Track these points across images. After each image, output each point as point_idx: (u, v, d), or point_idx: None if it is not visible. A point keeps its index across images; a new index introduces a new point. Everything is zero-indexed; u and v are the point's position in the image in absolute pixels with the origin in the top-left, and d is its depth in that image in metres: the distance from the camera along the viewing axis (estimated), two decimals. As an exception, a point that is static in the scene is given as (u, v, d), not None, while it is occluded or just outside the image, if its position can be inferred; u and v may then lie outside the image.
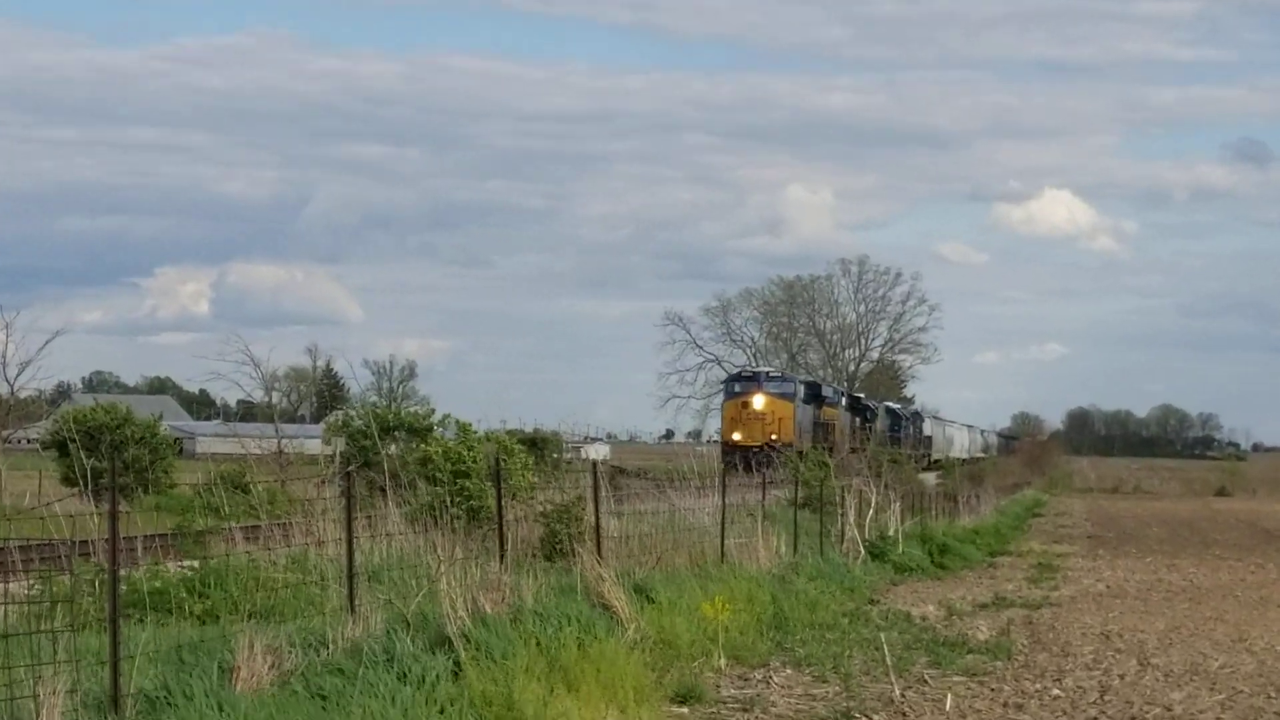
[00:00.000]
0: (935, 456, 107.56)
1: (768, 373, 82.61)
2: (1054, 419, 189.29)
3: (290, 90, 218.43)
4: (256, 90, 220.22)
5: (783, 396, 76.98)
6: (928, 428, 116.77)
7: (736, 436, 74.52)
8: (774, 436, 73.03)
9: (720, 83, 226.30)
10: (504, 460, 24.50)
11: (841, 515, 34.95)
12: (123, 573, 14.04)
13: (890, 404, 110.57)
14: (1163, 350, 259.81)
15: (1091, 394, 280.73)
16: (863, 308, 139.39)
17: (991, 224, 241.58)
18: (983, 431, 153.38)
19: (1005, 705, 18.06)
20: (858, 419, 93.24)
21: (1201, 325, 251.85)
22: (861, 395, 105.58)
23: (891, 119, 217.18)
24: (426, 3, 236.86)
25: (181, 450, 69.56)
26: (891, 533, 36.52)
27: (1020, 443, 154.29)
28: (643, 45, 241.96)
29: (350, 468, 17.18)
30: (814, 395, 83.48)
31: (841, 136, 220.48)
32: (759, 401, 75.88)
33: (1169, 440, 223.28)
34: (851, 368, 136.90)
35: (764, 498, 30.92)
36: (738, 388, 79.25)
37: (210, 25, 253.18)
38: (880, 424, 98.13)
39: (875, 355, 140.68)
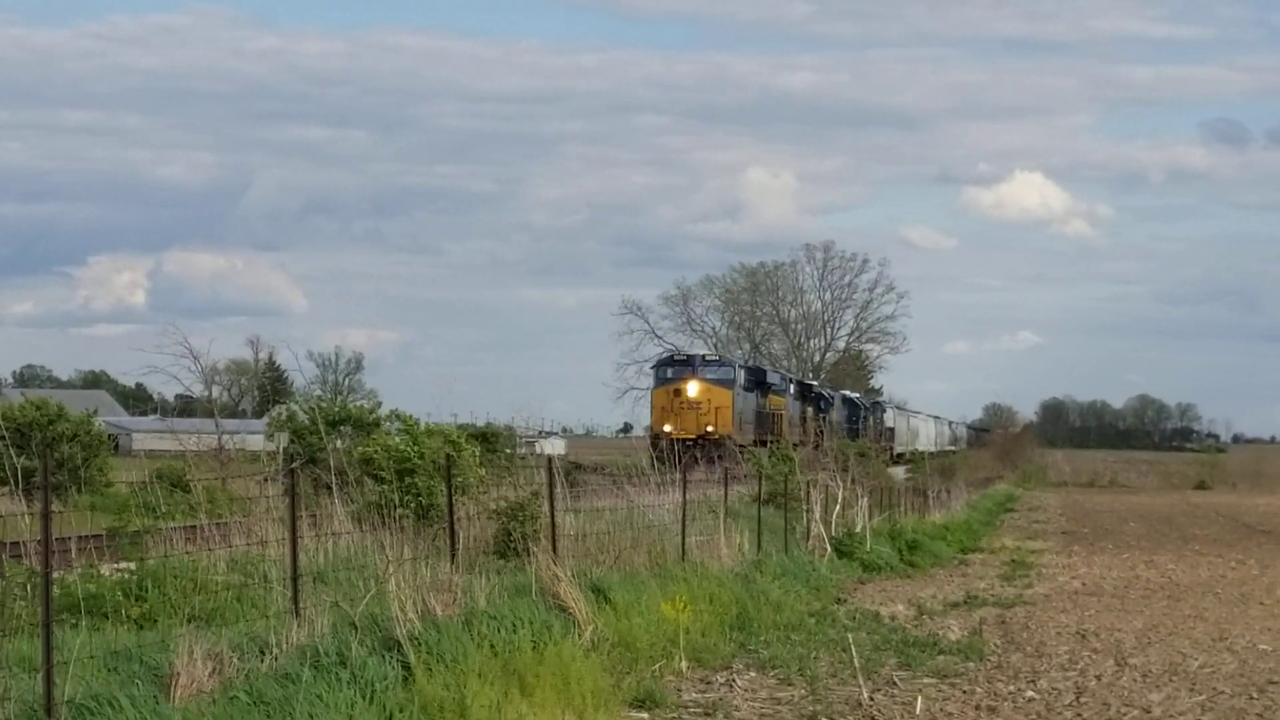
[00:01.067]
0: (899, 450, 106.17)
1: (703, 356, 76.73)
2: (1027, 410, 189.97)
3: (229, 70, 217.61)
4: (193, 70, 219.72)
5: (720, 383, 71.70)
6: (890, 419, 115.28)
7: (667, 428, 68.80)
8: (710, 428, 68.56)
9: (677, 61, 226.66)
10: (453, 456, 24.42)
11: (807, 511, 35.01)
12: (56, 575, 13.98)
13: (848, 393, 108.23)
14: (1139, 339, 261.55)
15: (1066, 384, 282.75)
16: (828, 295, 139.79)
17: (961, 208, 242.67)
18: (951, 423, 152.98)
19: (978, 708, 18.12)
20: (809, 409, 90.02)
21: (1180, 313, 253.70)
22: (815, 383, 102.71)
23: (856, 99, 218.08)
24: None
25: (118, 447, 69.22)
26: (859, 529, 36.61)
27: (992, 435, 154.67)
28: (598, 22, 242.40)
29: (294, 464, 17.09)
30: (757, 382, 79.17)
31: (804, 117, 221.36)
32: (693, 389, 70.62)
33: (1146, 432, 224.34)
34: (817, 357, 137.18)
35: (726, 494, 30.90)
36: (669, 373, 73.31)
37: (145, 2, 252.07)
38: (836, 414, 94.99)
39: (841, 345, 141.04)
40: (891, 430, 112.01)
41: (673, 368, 73.79)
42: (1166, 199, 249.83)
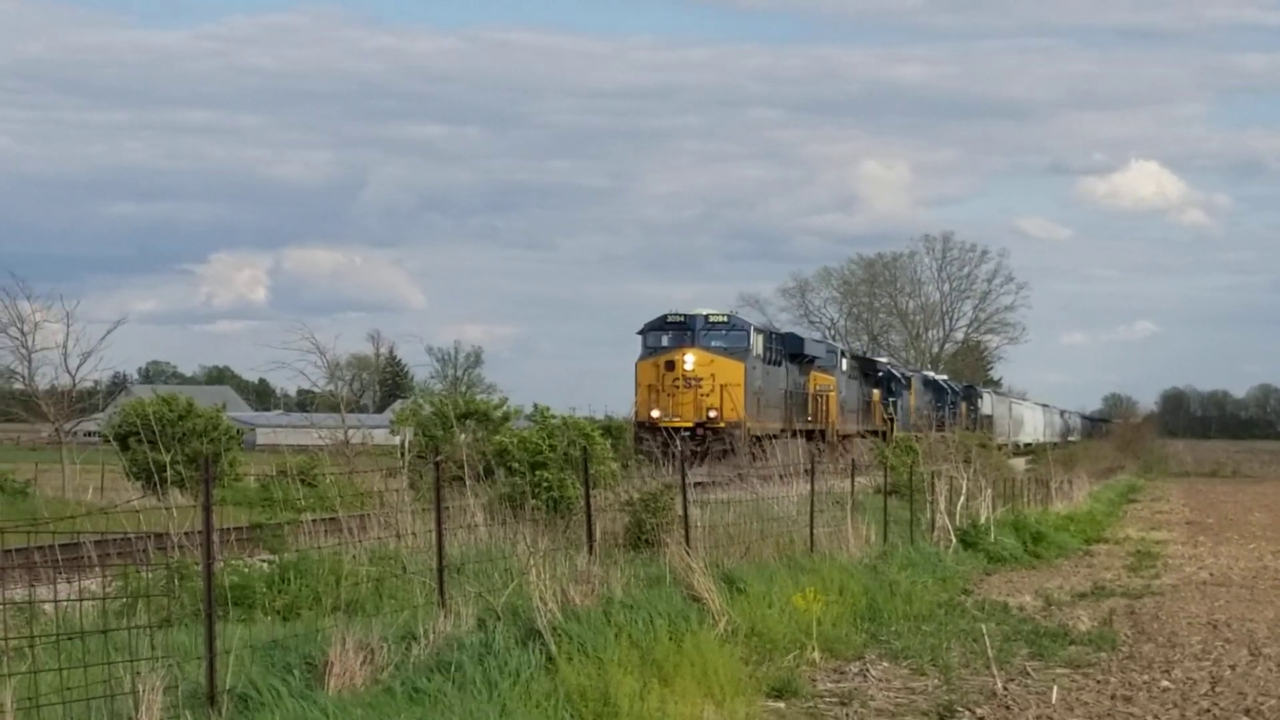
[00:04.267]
0: (998, 441, 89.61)
1: (706, 317, 54.85)
2: (1147, 401, 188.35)
3: (343, 69, 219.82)
4: (309, 69, 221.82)
5: (728, 352, 53.61)
6: (988, 405, 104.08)
7: (654, 414, 51.61)
8: (712, 413, 52.19)
9: (787, 55, 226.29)
10: (588, 448, 24.71)
11: (931, 503, 35.05)
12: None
13: (931, 374, 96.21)
14: (1260, 328, 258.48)
15: (1185, 374, 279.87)
16: (947, 286, 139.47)
17: (1075, 198, 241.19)
18: (1062, 413, 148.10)
19: (1113, 697, 18.16)
20: (873, 390, 76.10)
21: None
22: (885, 360, 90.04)
23: (967, 90, 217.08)
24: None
25: (242, 442, 70.04)
26: (983, 521, 36.58)
27: (1112, 426, 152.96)
28: (707, 17, 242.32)
29: (438, 457, 17.40)
30: (788, 353, 60.59)
31: (915, 109, 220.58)
32: (690, 361, 52.86)
33: (1269, 421, 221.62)
34: (935, 349, 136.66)
35: (853, 487, 31.01)
36: (665, 340, 54.33)
37: (261, 3, 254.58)
38: (916, 399, 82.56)
39: (960, 336, 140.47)
40: (989, 418, 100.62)
41: (665, 333, 54.77)
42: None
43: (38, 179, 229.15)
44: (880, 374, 78.66)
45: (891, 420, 76.10)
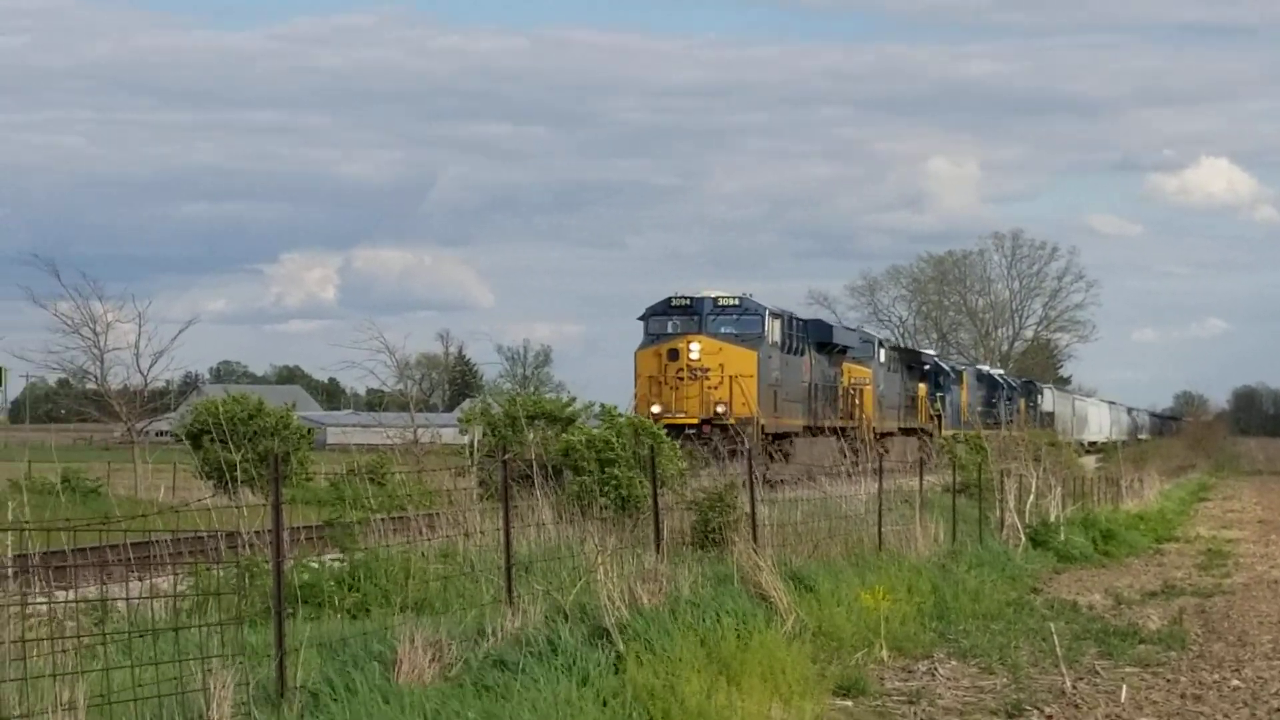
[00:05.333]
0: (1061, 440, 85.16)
1: (715, 300, 48.44)
2: (1219, 398, 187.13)
3: (410, 69, 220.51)
4: (376, 69, 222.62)
5: (739, 339, 47.42)
6: (1049, 402, 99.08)
7: (655, 409, 44.77)
8: (720, 408, 45.80)
9: (854, 52, 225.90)
10: (656, 447, 24.74)
11: (1000, 502, 34.96)
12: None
13: (986, 368, 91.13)
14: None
15: (1258, 372, 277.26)
16: (1016, 284, 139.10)
17: (1145, 195, 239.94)
18: (1130, 410, 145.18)
19: (1183, 696, 18.08)
20: (919, 385, 69.68)
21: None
22: (932, 353, 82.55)
23: (1035, 87, 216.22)
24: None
25: (312, 442, 70.41)
26: (1053, 519, 36.46)
27: (1183, 424, 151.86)
28: (773, 15, 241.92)
29: (506, 455, 17.47)
30: (814, 341, 53.78)
31: (983, 106, 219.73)
32: (695, 349, 46.55)
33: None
34: (1005, 346, 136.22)
35: (921, 485, 30.94)
36: (670, 326, 48.11)
37: (329, 4, 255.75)
38: (969, 394, 77.26)
39: (1030, 334, 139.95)
40: (1050, 415, 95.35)
41: (669, 318, 48.51)
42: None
43: (109, 180, 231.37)
44: (926, 367, 72.45)
45: (939, 417, 71.15)
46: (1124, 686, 18.35)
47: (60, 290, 48.70)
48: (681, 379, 46.33)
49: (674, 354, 46.48)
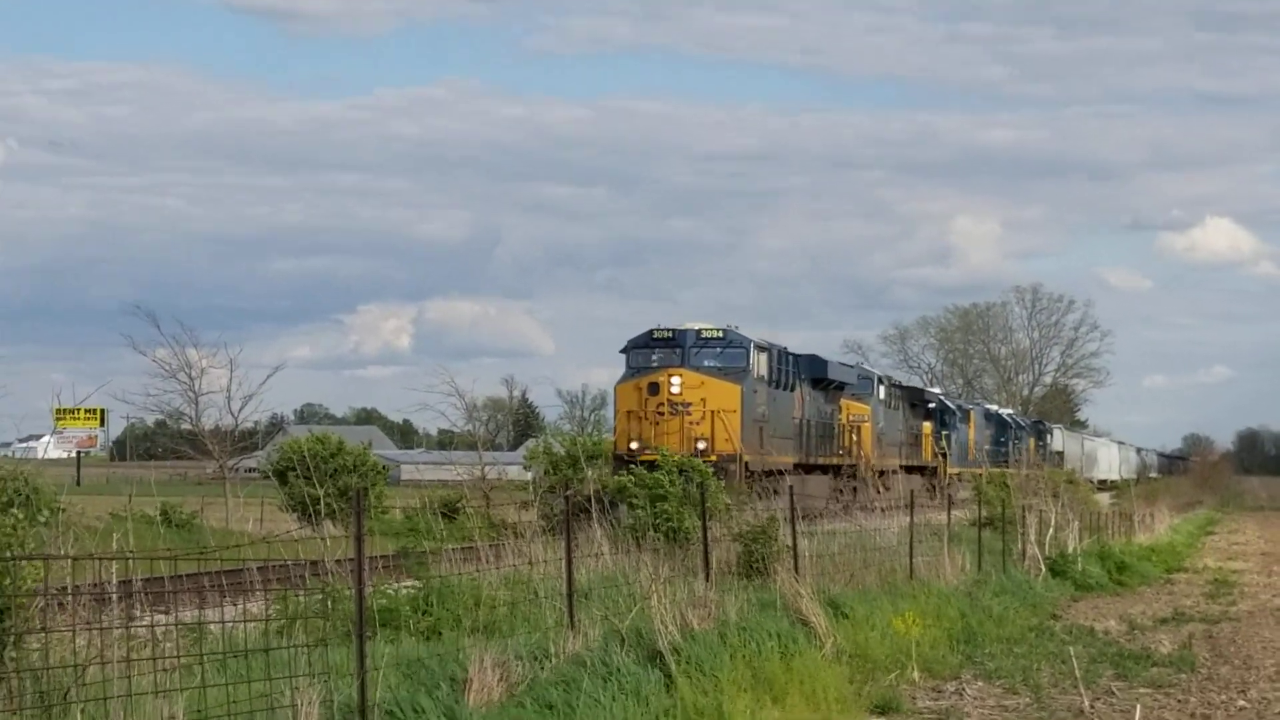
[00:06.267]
0: None
1: (698, 332, 43.24)
2: (1224, 439, 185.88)
3: (481, 136, 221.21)
4: (450, 137, 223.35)
5: (723, 374, 42.21)
6: (1058, 441, 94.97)
7: (634, 445, 40.57)
8: (701, 444, 40.57)
9: (888, 119, 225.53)
10: (705, 485, 24.74)
11: (1022, 534, 34.84)
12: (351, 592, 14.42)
13: (993, 408, 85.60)
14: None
15: (1260, 415, 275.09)
16: (1036, 334, 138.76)
17: (1155, 252, 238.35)
18: (1139, 450, 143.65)
19: (1192, 716, 17.97)
20: (924, 423, 65.14)
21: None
22: (938, 391, 76.72)
23: (1053, 152, 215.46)
24: (608, 52, 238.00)
25: (388, 478, 70.52)
26: (1071, 551, 36.28)
27: (1189, 463, 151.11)
28: (813, 84, 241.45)
29: (569, 491, 17.52)
30: (808, 377, 48.57)
31: (1005, 170, 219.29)
32: (676, 383, 41.45)
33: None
34: (1025, 392, 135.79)
35: (949, 519, 30.84)
36: (654, 359, 42.74)
37: (407, 76, 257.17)
38: (976, 433, 72.90)
39: (1048, 380, 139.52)
40: (1060, 455, 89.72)
41: (651, 351, 43.11)
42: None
43: (206, 238, 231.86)
44: (930, 404, 67.36)
45: (944, 455, 66.41)
46: (1138, 706, 18.23)
47: (159, 338, 49.22)
48: (662, 414, 41.29)
49: (654, 388, 41.41)
